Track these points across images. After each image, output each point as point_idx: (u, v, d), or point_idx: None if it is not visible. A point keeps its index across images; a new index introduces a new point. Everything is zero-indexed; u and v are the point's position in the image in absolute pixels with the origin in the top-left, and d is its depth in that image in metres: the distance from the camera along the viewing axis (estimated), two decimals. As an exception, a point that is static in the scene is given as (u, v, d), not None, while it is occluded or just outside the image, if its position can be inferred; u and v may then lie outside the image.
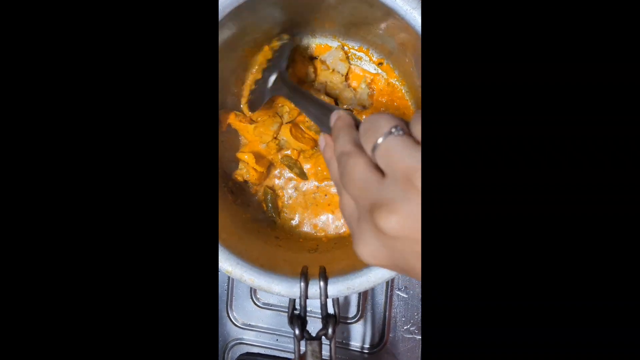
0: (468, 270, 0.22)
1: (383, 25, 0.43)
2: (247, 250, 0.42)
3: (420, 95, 0.44)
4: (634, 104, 0.21)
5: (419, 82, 0.43)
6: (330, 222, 0.50)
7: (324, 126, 0.32)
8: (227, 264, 0.40)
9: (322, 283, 0.37)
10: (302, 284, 0.37)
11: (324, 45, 0.49)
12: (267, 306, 0.55)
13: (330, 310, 0.38)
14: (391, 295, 0.53)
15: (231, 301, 0.55)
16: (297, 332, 0.36)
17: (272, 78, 0.41)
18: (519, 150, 0.22)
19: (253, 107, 0.44)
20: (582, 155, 0.22)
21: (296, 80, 0.48)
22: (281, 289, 0.39)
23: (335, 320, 0.37)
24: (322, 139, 0.31)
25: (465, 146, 0.23)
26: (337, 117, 0.30)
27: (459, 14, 0.23)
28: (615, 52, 0.22)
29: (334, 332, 0.36)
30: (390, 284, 0.53)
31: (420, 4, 0.36)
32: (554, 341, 0.21)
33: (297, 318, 0.37)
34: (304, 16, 0.45)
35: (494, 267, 0.22)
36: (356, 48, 0.49)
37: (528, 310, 0.22)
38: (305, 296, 0.37)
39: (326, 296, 0.37)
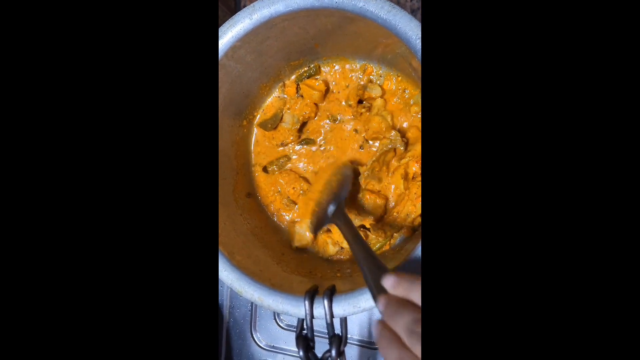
0: (468, 270, 0.22)
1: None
2: (257, 268, 0.42)
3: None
4: (634, 104, 0.21)
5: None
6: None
7: (373, 284, 0.31)
8: (238, 285, 0.39)
9: (326, 302, 0.35)
10: (307, 302, 0.36)
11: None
12: (291, 328, 0.53)
13: (338, 330, 0.36)
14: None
15: (255, 322, 0.54)
16: (301, 353, 0.35)
17: (332, 208, 0.43)
18: (519, 152, 0.22)
19: (315, 230, 0.46)
20: (582, 156, 0.21)
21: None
22: (289, 308, 0.38)
23: (340, 341, 0.35)
24: (377, 327, 0.28)
25: (464, 148, 0.22)
26: (385, 305, 0.28)
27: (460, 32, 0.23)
28: (616, 51, 0.21)
29: (338, 353, 0.34)
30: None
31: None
32: (554, 341, 0.21)
33: (303, 339, 0.36)
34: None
35: (494, 267, 0.22)
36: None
37: (528, 310, 0.21)
38: (310, 315, 0.36)
39: (331, 315, 0.35)
